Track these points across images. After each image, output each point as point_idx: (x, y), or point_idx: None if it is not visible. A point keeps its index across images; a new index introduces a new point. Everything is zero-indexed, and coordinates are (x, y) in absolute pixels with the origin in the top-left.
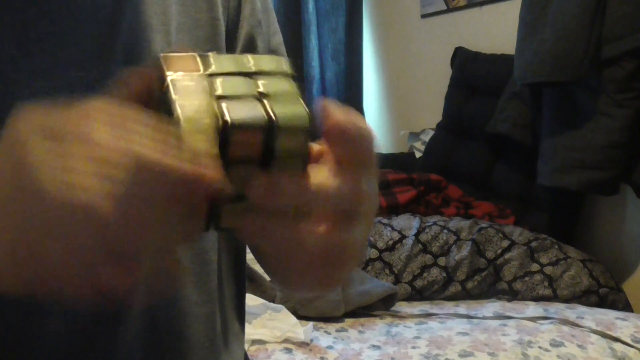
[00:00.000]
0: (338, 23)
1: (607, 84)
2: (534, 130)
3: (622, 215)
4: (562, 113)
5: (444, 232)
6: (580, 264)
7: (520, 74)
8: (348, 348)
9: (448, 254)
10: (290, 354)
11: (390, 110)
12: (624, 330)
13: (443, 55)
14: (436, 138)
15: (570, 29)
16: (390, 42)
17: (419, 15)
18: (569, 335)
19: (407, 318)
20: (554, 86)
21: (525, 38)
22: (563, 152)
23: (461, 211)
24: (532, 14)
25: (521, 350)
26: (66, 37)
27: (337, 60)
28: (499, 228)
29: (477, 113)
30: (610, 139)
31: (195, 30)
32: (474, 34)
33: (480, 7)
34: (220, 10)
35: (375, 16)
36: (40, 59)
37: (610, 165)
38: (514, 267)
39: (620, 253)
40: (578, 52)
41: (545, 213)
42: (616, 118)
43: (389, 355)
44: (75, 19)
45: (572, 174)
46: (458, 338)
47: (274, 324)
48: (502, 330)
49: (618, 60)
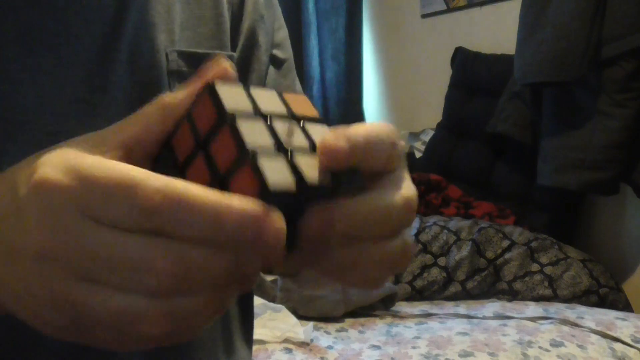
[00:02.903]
0: (338, 23)
1: (607, 84)
2: (534, 130)
3: (622, 215)
4: (562, 113)
5: (444, 232)
6: (580, 264)
7: (520, 74)
8: (348, 348)
9: (448, 254)
10: (290, 354)
11: (390, 110)
12: (624, 330)
13: (443, 55)
14: (436, 138)
15: (570, 29)
16: (390, 42)
17: (419, 15)
18: (569, 335)
19: (407, 318)
20: (554, 86)
21: (525, 38)
22: (563, 152)
23: (461, 211)
24: (532, 14)
25: (521, 350)
26: (70, 36)
27: (337, 60)
28: (499, 228)
29: (477, 113)
30: (610, 139)
31: (199, 27)
32: (474, 34)
33: (480, 7)
34: (225, 7)
35: (375, 16)
36: (45, 59)
37: (610, 165)
38: (514, 267)
39: (620, 253)
40: (578, 52)
41: (545, 213)
42: (616, 118)
43: (389, 355)
44: (80, 18)
45: (572, 174)
46: (458, 338)
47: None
48: (502, 330)
49: (618, 60)
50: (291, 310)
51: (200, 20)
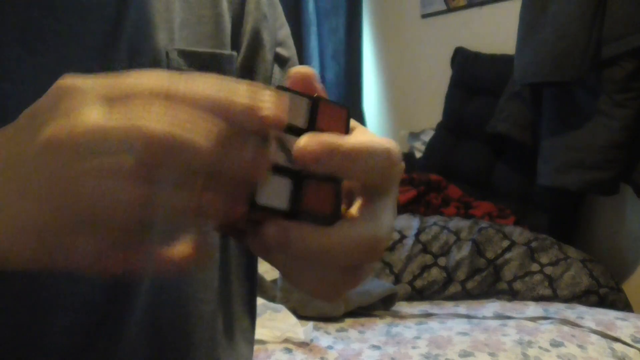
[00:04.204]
0: (338, 23)
1: (607, 84)
2: (534, 130)
3: (622, 215)
4: (562, 113)
5: (444, 232)
6: (580, 264)
7: (520, 74)
8: (348, 348)
9: (448, 254)
10: (290, 354)
11: (390, 110)
12: (624, 330)
13: (443, 55)
14: (436, 138)
15: (570, 29)
16: (390, 42)
17: (419, 15)
18: (569, 335)
19: (407, 318)
20: (554, 86)
21: (525, 38)
22: (563, 152)
23: (461, 211)
24: (532, 14)
25: (521, 350)
26: (71, 35)
27: (337, 60)
28: (499, 228)
29: (477, 113)
30: (610, 139)
31: (198, 26)
32: (474, 34)
33: (480, 7)
34: (225, 6)
35: (375, 16)
36: (45, 57)
37: (610, 165)
38: (514, 267)
39: (620, 253)
40: (578, 52)
41: (545, 213)
42: (616, 118)
43: (389, 355)
44: (80, 16)
45: (572, 174)
46: (458, 338)
47: (274, 324)
48: (502, 330)
49: (618, 61)
50: (291, 310)
51: (199, 19)
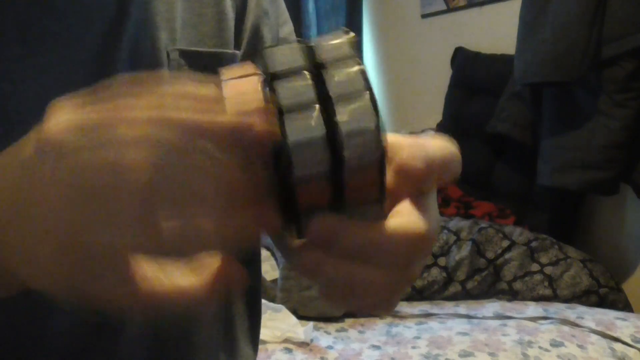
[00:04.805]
0: (338, 23)
1: (607, 84)
2: (534, 130)
3: (622, 215)
4: (562, 113)
5: (444, 232)
6: (580, 264)
7: (520, 74)
8: (348, 348)
9: (448, 254)
10: (290, 354)
11: (390, 110)
12: (624, 330)
13: (443, 55)
14: None
15: (570, 29)
16: (390, 42)
17: (419, 15)
18: (569, 335)
19: (407, 318)
20: (554, 86)
21: (525, 38)
22: (563, 152)
23: (461, 211)
24: (532, 14)
25: (521, 350)
26: (72, 35)
27: None
28: (499, 228)
29: (477, 113)
30: (610, 139)
31: (200, 26)
32: (474, 34)
33: (480, 7)
34: (227, 4)
35: (375, 16)
36: (46, 58)
37: (610, 165)
38: (514, 267)
39: (620, 253)
40: (578, 52)
41: (545, 213)
42: (616, 118)
43: (389, 355)
44: (81, 17)
45: (572, 174)
46: (458, 338)
47: (274, 324)
48: (502, 330)
49: (618, 60)
50: (291, 310)
51: (201, 18)
